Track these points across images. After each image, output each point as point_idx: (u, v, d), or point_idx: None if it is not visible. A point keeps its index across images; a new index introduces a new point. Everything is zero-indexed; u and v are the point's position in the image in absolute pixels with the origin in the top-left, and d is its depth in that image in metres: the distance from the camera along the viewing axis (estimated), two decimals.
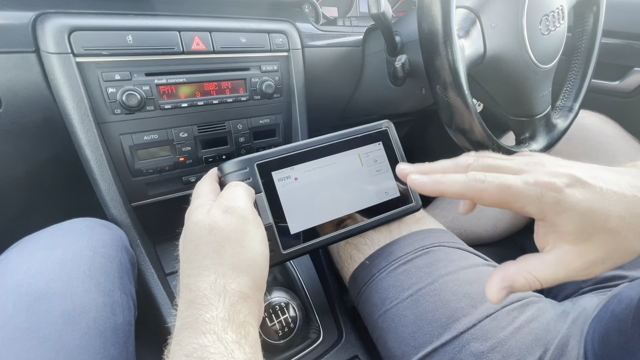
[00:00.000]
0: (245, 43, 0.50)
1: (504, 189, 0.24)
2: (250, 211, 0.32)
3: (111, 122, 0.44)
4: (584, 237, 0.23)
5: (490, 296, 0.25)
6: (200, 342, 0.24)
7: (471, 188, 0.25)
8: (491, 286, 0.25)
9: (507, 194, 0.24)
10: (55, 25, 0.39)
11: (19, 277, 0.32)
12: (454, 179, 0.26)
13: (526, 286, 0.24)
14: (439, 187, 0.26)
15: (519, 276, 0.24)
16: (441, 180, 0.26)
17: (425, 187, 0.27)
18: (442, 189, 0.26)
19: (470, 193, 0.25)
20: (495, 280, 0.25)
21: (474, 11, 0.42)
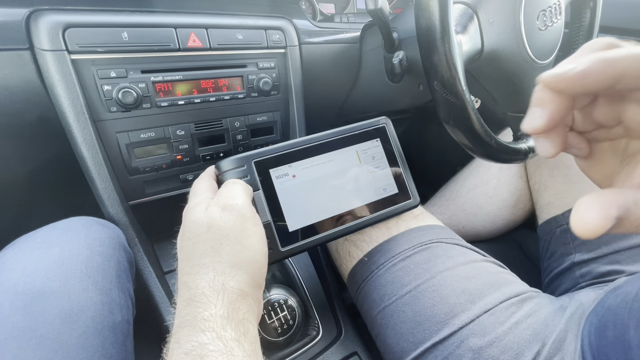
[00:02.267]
0: (242, 40, 0.50)
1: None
2: (249, 209, 0.32)
3: (107, 120, 0.44)
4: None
5: (590, 223, 0.16)
6: (199, 339, 0.24)
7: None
8: (590, 212, 0.17)
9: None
10: (49, 22, 0.39)
11: (16, 277, 0.32)
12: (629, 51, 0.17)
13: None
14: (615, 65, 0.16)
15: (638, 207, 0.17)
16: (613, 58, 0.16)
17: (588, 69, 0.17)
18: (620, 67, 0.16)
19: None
20: (596, 203, 0.17)
21: (472, 7, 0.42)
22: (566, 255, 0.52)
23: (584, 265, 0.49)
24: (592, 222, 0.17)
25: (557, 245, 0.54)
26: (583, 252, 0.50)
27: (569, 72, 0.18)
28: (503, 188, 0.65)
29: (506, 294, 0.40)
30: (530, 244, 0.69)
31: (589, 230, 0.17)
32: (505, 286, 0.41)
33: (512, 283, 0.42)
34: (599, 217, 0.16)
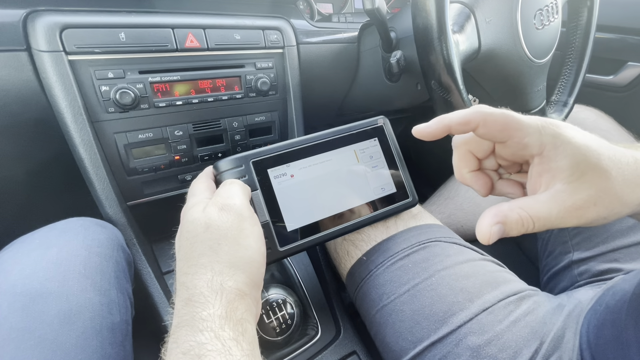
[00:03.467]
0: (240, 40, 0.50)
1: (509, 115, 0.25)
2: (247, 208, 0.32)
3: (105, 121, 0.44)
4: (577, 174, 0.23)
5: (481, 233, 0.24)
6: (197, 339, 0.24)
7: (477, 112, 0.25)
8: (482, 223, 0.24)
9: (511, 120, 0.25)
10: (46, 23, 0.39)
11: (14, 278, 0.32)
12: (459, 110, 0.27)
13: (519, 224, 0.23)
14: (444, 120, 0.27)
15: (512, 212, 0.23)
16: (445, 115, 0.27)
17: (430, 127, 0.27)
18: (447, 121, 0.26)
19: (475, 117, 0.25)
20: (487, 215, 0.23)
21: (469, 6, 0.42)
22: (564, 254, 0.52)
23: (582, 264, 0.49)
24: (482, 232, 0.23)
25: (556, 243, 0.54)
26: (581, 250, 0.50)
27: (418, 128, 0.29)
28: None
29: (504, 292, 0.40)
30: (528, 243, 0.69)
31: (480, 237, 0.24)
32: (504, 285, 0.41)
33: (511, 281, 0.42)
34: (486, 226, 0.23)
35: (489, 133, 0.26)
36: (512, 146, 0.26)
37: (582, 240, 0.50)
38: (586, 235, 0.50)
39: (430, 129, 0.28)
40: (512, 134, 0.25)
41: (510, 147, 0.26)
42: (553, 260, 0.54)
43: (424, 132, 0.28)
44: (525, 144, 0.25)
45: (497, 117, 0.25)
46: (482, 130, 0.26)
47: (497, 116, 0.25)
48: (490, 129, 0.25)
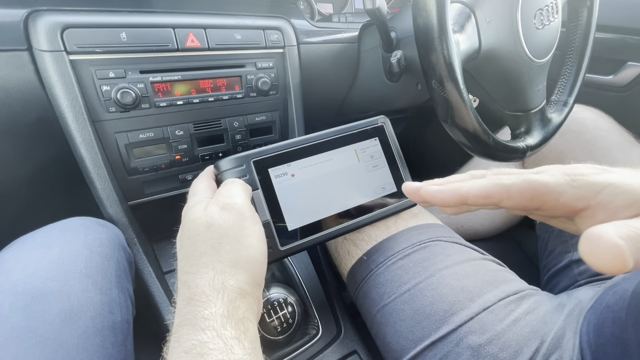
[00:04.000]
0: (241, 40, 0.50)
1: (532, 181, 0.23)
2: (248, 208, 0.32)
3: (106, 121, 0.44)
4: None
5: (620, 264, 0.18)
6: (199, 338, 0.24)
7: (497, 184, 0.23)
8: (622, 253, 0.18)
9: (537, 185, 0.23)
10: (47, 22, 0.39)
11: (15, 277, 0.32)
12: (475, 181, 0.24)
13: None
14: (460, 191, 0.24)
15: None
16: (461, 185, 0.25)
17: (444, 196, 0.25)
18: (464, 192, 0.24)
19: (497, 191, 0.23)
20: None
21: (469, 6, 0.42)
22: (564, 253, 0.52)
23: (582, 263, 0.49)
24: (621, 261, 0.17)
25: (556, 243, 0.54)
26: None
27: (430, 192, 0.27)
28: None
29: (505, 291, 0.40)
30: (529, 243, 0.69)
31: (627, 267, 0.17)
32: (504, 284, 0.41)
33: (511, 281, 0.42)
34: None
35: (517, 204, 0.23)
36: (549, 209, 0.23)
37: None
38: None
39: (443, 196, 0.25)
40: (543, 198, 0.23)
41: (546, 210, 0.24)
42: (553, 259, 0.54)
43: (435, 197, 0.26)
44: (562, 203, 0.22)
45: (520, 186, 0.23)
46: (508, 203, 0.24)
47: (520, 185, 0.23)
48: (517, 201, 0.23)
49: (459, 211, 0.28)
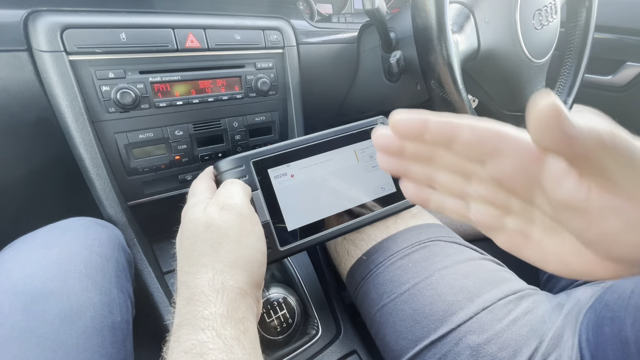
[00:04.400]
0: (240, 40, 0.50)
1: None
2: (247, 208, 0.32)
3: (106, 121, 0.44)
4: None
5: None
6: (199, 338, 0.24)
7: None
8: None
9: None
10: (47, 23, 0.39)
11: (15, 277, 0.32)
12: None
13: None
14: (424, 116, 0.20)
15: None
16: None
17: (408, 118, 0.20)
18: (427, 117, 0.20)
19: (456, 122, 0.19)
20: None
21: (468, 6, 0.42)
22: None
23: None
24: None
25: None
26: None
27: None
28: None
29: (504, 291, 0.40)
30: None
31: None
32: (503, 284, 0.41)
33: (510, 281, 0.42)
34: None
35: (477, 138, 0.19)
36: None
37: None
38: None
39: (405, 119, 0.20)
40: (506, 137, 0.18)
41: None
42: None
43: (397, 121, 0.21)
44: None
45: (486, 123, 0.19)
46: (467, 135, 0.19)
47: (487, 123, 0.19)
48: (479, 133, 0.19)
49: (398, 165, 0.24)
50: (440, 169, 0.23)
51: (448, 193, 0.24)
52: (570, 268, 0.20)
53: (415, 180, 0.25)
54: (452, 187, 0.24)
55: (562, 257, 0.20)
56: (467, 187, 0.23)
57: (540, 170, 0.18)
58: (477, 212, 0.23)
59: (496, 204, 0.22)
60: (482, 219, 0.23)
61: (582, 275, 0.20)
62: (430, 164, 0.23)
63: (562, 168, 0.17)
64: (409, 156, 0.23)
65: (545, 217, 0.20)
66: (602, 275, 0.19)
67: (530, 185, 0.19)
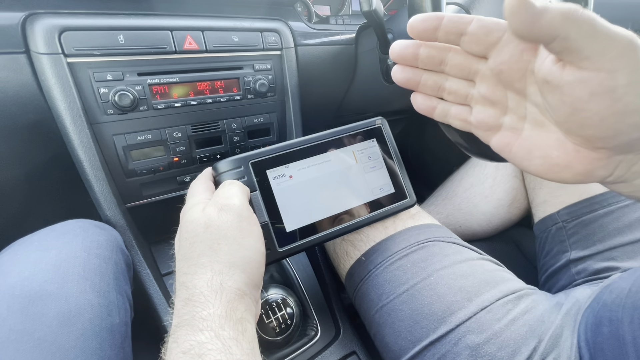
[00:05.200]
0: (238, 42, 0.50)
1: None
2: (246, 209, 0.32)
3: (104, 123, 0.44)
4: None
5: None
6: (197, 339, 0.24)
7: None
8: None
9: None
10: (45, 25, 0.39)
11: (13, 280, 0.32)
12: None
13: None
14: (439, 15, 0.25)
15: None
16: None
17: (425, 18, 0.26)
18: (441, 15, 0.25)
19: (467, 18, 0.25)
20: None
21: (465, 8, 0.42)
22: (562, 253, 0.52)
23: (580, 263, 0.49)
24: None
25: (553, 243, 0.54)
26: (578, 249, 0.50)
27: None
28: (499, 187, 0.66)
29: (503, 291, 0.40)
30: (527, 243, 0.69)
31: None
32: (502, 284, 0.41)
33: (509, 280, 0.42)
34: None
35: (483, 27, 0.24)
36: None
37: (580, 239, 0.51)
38: (583, 234, 0.50)
39: (422, 17, 0.25)
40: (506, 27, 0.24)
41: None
42: (551, 259, 0.54)
43: (415, 21, 0.25)
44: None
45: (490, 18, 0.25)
46: (475, 25, 0.24)
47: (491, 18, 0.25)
48: (484, 23, 0.24)
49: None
50: (448, 75, 0.28)
51: (454, 99, 0.29)
52: (551, 161, 0.24)
53: (425, 89, 0.30)
54: (458, 92, 0.28)
55: (545, 150, 0.25)
56: (471, 89, 0.28)
57: (532, 57, 0.23)
58: (479, 113, 0.28)
59: (495, 102, 0.27)
60: (483, 118, 0.28)
61: (561, 170, 0.24)
62: (440, 70, 0.28)
63: (545, 53, 0.22)
64: (422, 61, 0.28)
65: (535, 109, 0.25)
66: (578, 166, 0.23)
67: (523, 74, 0.24)
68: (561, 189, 0.55)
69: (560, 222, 0.54)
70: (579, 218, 0.51)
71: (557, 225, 0.54)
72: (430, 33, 0.25)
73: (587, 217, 0.50)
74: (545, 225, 0.56)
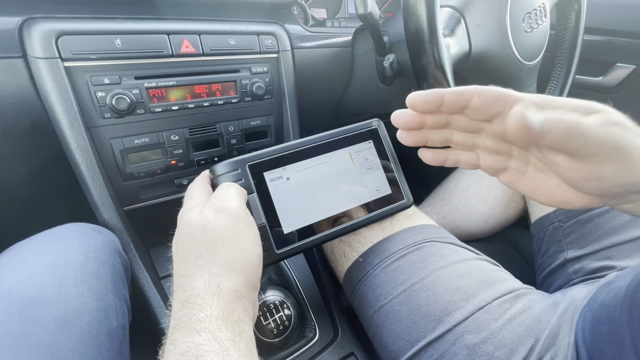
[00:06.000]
0: (235, 45, 0.50)
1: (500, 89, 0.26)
2: (243, 211, 0.32)
3: (101, 127, 0.44)
4: None
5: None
6: (194, 340, 0.24)
7: (470, 87, 0.26)
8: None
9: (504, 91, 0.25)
10: (42, 30, 0.39)
11: (10, 284, 0.32)
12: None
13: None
14: (439, 91, 0.28)
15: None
16: (439, 89, 0.29)
17: (423, 96, 0.29)
18: (442, 92, 0.28)
19: (469, 89, 0.26)
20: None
21: (459, 10, 0.43)
22: (559, 253, 0.52)
23: (577, 262, 0.50)
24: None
25: (550, 242, 0.55)
26: (575, 248, 0.50)
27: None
28: (495, 187, 0.66)
29: (500, 291, 0.40)
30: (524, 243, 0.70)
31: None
32: (499, 283, 0.41)
33: (506, 280, 0.43)
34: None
35: (484, 103, 0.26)
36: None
37: (576, 238, 0.51)
38: (579, 233, 0.51)
39: (423, 98, 0.28)
40: (507, 101, 0.25)
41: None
42: (548, 259, 0.55)
43: (416, 102, 0.28)
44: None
45: (490, 89, 0.26)
46: (476, 101, 0.26)
47: (491, 88, 0.26)
48: (485, 98, 0.26)
49: (420, 137, 0.32)
50: (454, 130, 0.31)
51: (462, 148, 0.32)
52: (554, 198, 0.28)
53: (434, 144, 0.33)
54: (465, 143, 0.31)
55: (548, 190, 0.28)
56: (477, 140, 0.31)
57: None
58: (486, 160, 0.31)
59: (500, 152, 0.30)
60: (490, 164, 0.31)
61: (563, 204, 0.28)
62: (446, 128, 0.31)
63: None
64: (429, 125, 0.31)
65: (537, 160, 0.28)
66: (578, 204, 0.27)
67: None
68: None
69: (556, 221, 0.54)
70: (575, 217, 0.51)
71: (554, 225, 0.54)
72: (432, 109, 0.28)
73: (583, 216, 0.51)
74: (542, 225, 0.57)
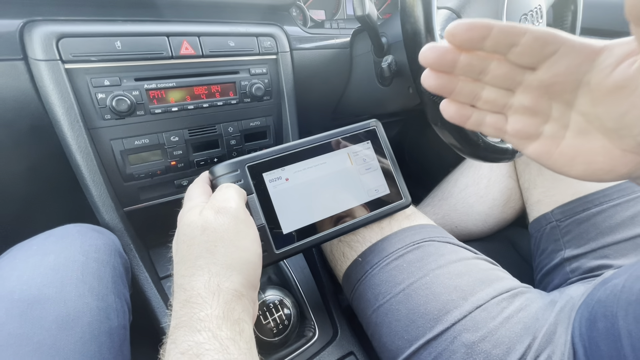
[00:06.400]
0: (234, 47, 0.51)
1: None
2: (242, 211, 0.33)
3: (101, 128, 0.45)
4: None
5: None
6: (195, 339, 0.24)
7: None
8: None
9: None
10: (43, 32, 0.40)
11: (12, 284, 0.32)
12: None
13: None
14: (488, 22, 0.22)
15: None
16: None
17: (472, 25, 0.22)
18: (491, 23, 0.22)
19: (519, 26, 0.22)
20: None
21: (455, 11, 0.43)
22: (556, 252, 0.53)
23: (574, 261, 0.50)
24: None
25: (548, 242, 0.55)
26: (572, 248, 0.51)
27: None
28: (494, 187, 0.67)
29: (497, 289, 0.41)
30: (522, 242, 0.70)
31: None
32: (497, 282, 0.42)
33: (503, 279, 0.43)
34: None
35: (538, 39, 0.22)
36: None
37: (573, 237, 0.51)
38: (577, 232, 0.51)
39: (467, 26, 0.22)
40: (564, 40, 0.22)
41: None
42: (546, 258, 0.55)
43: (457, 29, 0.23)
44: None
45: (543, 28, 0.23)
46: (529, 37, 0.22)
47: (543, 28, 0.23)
48: (540, 34, 0.22)
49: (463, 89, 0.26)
50: (486, 84, 0.26)
51: (489, 108, 0.27)
52: (595, 167, 0.24)
53: (459, 97, 0.27)
54: (496, 102, 0.26)
55: (589, 157, 0.24)
56: (510, 99, 0.26)
57: (589, 69, 0.22)
58: (517, 123, 0.26)
59: (537, 112, 0.25)
60: (521, 128, 0.26)
61: (604, 174, 0.24)
62: (478, 79, 0.26)
63: (611, 61, 0.21)
64: (461, 70, 0.25)
65: (581, 119, 0.24)
66: (622, 170, 0.23)
67: (577, 85, 0.23)
68: (555, 189, 0.56)
69: (554, 221, 0.54)
70: (573, 217, 0.52)
71: (552, 224, 0.55)
72: (475, 42, 0.23)
73: (580, 215, 0.51)
74: (540, 224, 0.57)
